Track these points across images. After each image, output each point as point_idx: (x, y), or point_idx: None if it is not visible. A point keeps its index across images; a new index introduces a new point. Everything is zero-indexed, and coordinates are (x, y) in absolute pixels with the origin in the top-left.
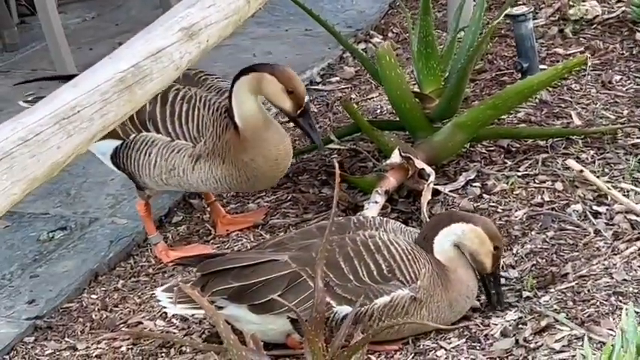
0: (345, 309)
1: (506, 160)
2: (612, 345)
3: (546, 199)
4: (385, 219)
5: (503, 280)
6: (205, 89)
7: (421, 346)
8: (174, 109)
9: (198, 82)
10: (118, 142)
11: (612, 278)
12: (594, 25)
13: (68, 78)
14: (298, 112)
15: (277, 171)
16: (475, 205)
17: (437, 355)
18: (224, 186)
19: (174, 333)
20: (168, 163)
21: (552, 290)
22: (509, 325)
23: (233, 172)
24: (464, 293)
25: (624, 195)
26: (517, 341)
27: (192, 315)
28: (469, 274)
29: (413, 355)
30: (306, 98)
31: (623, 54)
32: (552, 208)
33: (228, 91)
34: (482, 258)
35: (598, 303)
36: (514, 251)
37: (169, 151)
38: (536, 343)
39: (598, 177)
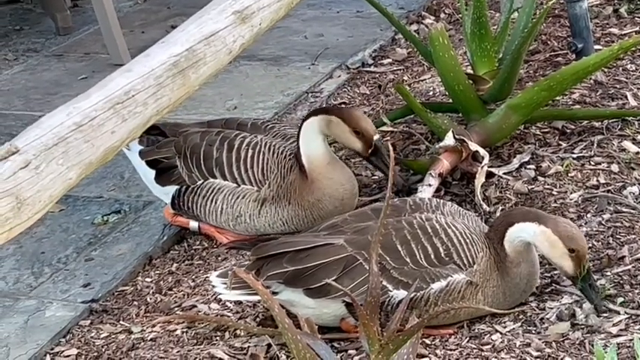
0: (401, 293)
1: (560, 142)
2: None
3: (602, 181)
4: (442, 201)
5: None
6: (271, 136)
7: (476, 330)
8: (240, 155)
9: (265, 129)
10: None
11: None
12: None
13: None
14: (369, 151)
15: (343, 211)
16: (530, 187)
17: (492, 339)
18: (291, 227)
19: (229, 316)
20: (234, 210)
21: (609, 273)
22: (565, 309)
23: (299, 212)
24: (521, 288)
25: None
26: (573, 325)
27: (247, 300)
28: (532, 271)
29: (468, 338)
30: (376, 137)
31: None
32: (608, 191)
33: (294, 136)
34: (557, 261)
35: None
36: None
37: (235, 198)
38: (592, 327)
39: None
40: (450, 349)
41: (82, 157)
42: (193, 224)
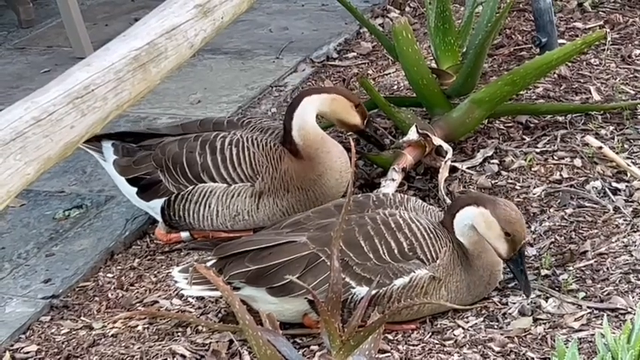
0: (364, 290)
1: (524, 137)
2: (632, 323)
3: (565, 175)
4: (406, 197)
5: None
6: (249, 130)
7: (439, 325)
8: (225, 155)
9: (242, 125)
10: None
11: (632, 256)
12: None
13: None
14: (365, 123)
15: (341, 185)
16: (493, 182)
17: (454, 334)
18: (291, 214)
19: (191, 312)
20: (230, 210)
21: (571, 268)
22: (528, 304)
23: (301, 196)
24: (485, 280)
25: None
26: (535, 320)
27: (209, 296)
28: (494, 261)
29: (430, 334)
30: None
31: None
32: (571, 185)
33: (272, 128)
34: (492, 242)
35: (617, 281)
36: (532, 229)
37: (229, 197)
38: (554, 322)
39: (617, 153)
40: (413, 345)
41: (41, 153)
42: (184, 234)
